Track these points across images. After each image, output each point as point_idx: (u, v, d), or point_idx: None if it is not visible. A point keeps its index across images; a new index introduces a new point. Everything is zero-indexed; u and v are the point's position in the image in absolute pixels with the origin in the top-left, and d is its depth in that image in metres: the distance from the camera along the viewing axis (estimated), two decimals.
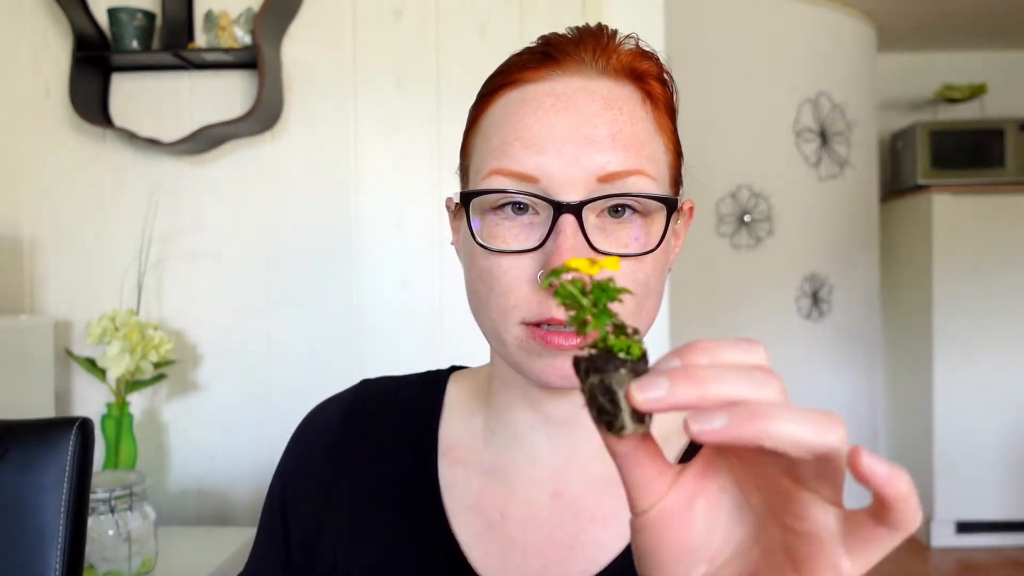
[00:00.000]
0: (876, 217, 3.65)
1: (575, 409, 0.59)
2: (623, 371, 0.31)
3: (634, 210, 0.53)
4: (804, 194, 3.29)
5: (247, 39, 1.66)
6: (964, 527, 3.53)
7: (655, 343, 1.66)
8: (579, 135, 0.52)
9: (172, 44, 1.66)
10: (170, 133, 1.69)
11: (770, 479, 0.32)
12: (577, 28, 0.58)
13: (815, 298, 3.31)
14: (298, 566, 0.64)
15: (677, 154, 0.59)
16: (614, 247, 0.52)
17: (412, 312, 1.72)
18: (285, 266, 1.73)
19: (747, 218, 3.20)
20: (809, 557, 0.31)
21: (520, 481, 0.60)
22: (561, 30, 0.58)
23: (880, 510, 0.28)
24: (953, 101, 3.86)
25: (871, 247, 3.61)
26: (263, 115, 1.65)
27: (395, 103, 1.72)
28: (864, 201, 3.53)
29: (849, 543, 0.30)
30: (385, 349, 1.72)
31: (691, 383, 0.29)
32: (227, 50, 1.62)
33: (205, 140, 1.67)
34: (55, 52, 1.72)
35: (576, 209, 0.51)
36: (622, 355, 0.31)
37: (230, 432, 1.73)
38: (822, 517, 0.30)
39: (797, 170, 3.27)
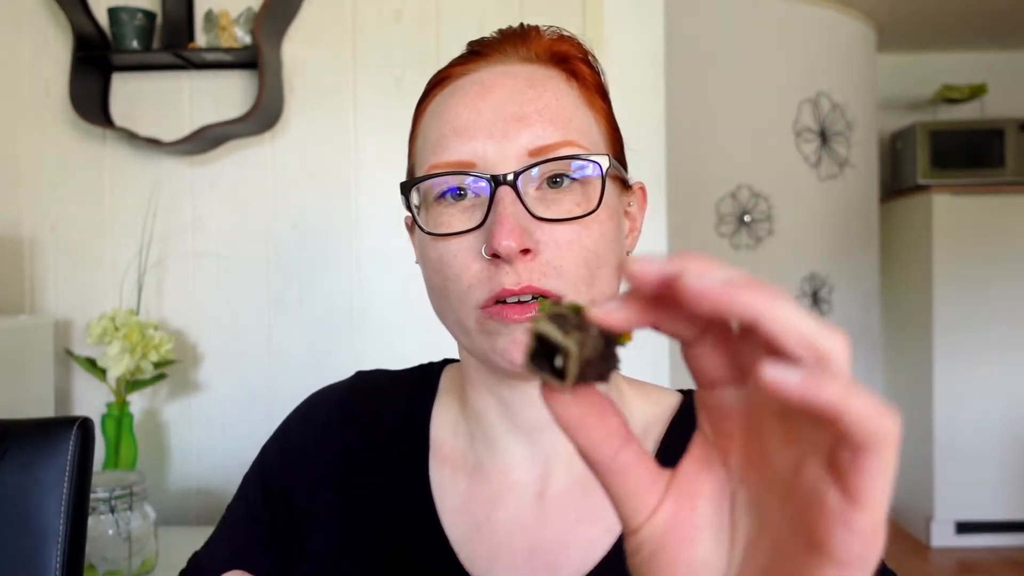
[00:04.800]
0: (876, 217, 3.65)
1: (547, 414, 0.59)
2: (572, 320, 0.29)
3: (572, 179, 0.54)
4: (804, 194, 3.29)
5: (247, 39, 1.66)
6: (964, 527, 3.53)
7: (654, 344, 1.66)
8: (506, 113, 0.54)
9: (172, 44, 1.66)
10: (170, 133, 1.69)
11: (762, 450, 0.29)
12: (501, 30, 0.60)
13: (815, 298, 3.31)
14: (284, 554, 0.64)
15: (615, 136, 0.60)
16: (556, 215, 0.53)
17: (412, 312, 1.72)
18: (285, 266, 1.73)
19: (747, 218, 3.20)
20: (817, 523, 0.26)
21: (504, 484, 0.60)
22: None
23: (838, 435, 0.24)
24: (953, 101, 3.86)
25: (871, 247, 3.61)
26: (263, 115, 1.65)
27: (395, 103, 1.72)
28: (864, 201, 3.53)
29: (842, 488, 0.25)
30: (385, 349, 1.72)
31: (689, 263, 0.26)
32: (227, 50, 1.62)
33: (205, 140, 1.67)
34: (55, 52, 1.72)
35: (512, 181, 0.52)
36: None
37: (230, 432, 1.73)
38: (814, 470, 0.26)
39: (797, 170, 3.27)
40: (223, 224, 1.74)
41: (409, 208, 0.57)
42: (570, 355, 0.28)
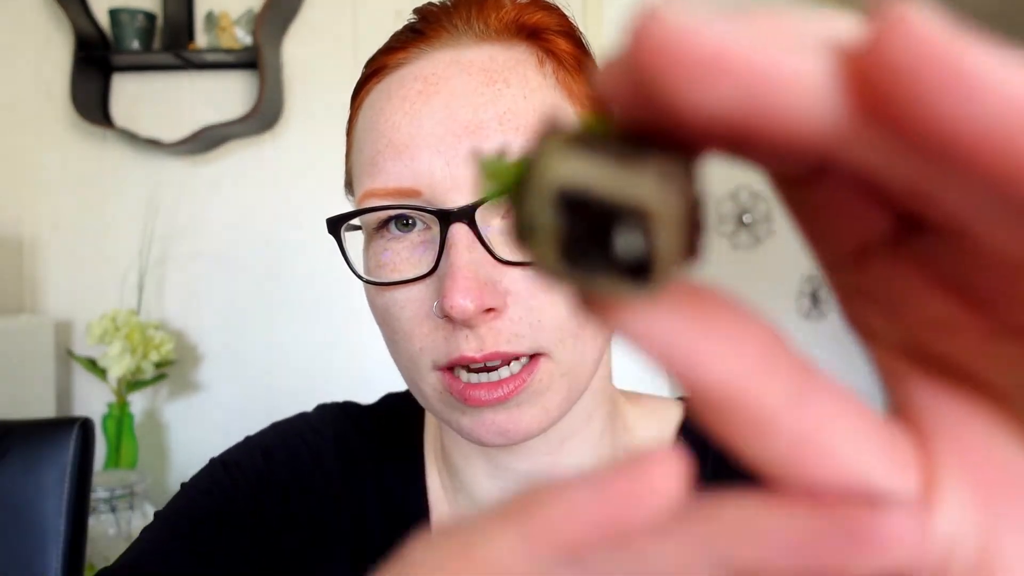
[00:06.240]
0: None
1: (539, 462, 0.48)
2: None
3: None
4: None
5: (248, 39, 1.67)
6: None
7: None
8: (456, 124, 0.41)
9: (173, 44, 1.66)
10: (170, 133, 1.69)
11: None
12: None
13: (815, 298, 3.32)
14: None
15: None
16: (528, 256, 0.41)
17: None
18: (285, 266, 1.74)
19: (746, 218, 3.20)
20: None
21: None
22: None
23: None
24: None
25: None
26: (263, 115, 1.65)
27: None
28: None
29: None
30: (385, 349, 1.72)
31: None
32: (228, 50, 1.63)
33: (205, 140, 1.67)
34: (56, 52, 1.72)
35: (467, 215, 0.40)
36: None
37: (230, 432, 1.73)
38: None
39: None
40: (224, 224, 1.74)
41: (341, 246, 0.44)
42: (658, 218, 0.12)
